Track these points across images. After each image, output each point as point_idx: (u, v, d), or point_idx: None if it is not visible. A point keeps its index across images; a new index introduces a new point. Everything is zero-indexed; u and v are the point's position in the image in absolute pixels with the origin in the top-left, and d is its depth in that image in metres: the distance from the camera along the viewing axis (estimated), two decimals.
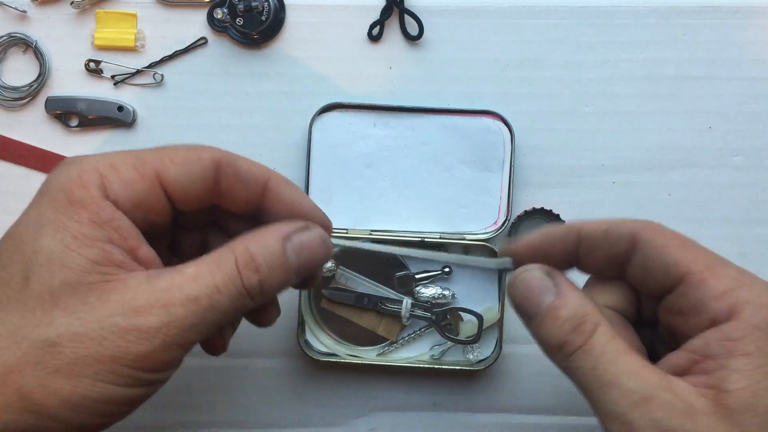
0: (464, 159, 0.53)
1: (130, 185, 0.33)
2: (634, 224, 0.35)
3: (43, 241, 0.31)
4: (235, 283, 0.33)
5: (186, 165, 0.35)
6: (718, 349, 0.31)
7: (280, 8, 0.54)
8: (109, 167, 0.33)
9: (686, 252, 0.33)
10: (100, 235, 0.31)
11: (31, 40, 0.54)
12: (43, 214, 0.32)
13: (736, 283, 0.32)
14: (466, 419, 0.55)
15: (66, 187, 0.32)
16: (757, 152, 0.54)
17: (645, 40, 0.53)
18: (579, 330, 0.33)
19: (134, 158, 0.34)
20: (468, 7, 0.54)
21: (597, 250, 0.35)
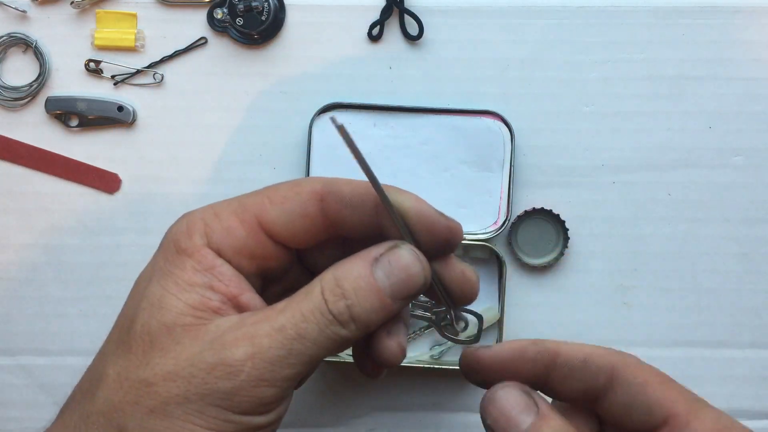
0: (464, 159, 0.53)
1: (231, 232, 0.33)
2: (613, 357, 0.33)
3: (151, 287, 0.32)
4: (321, 309, 0.31)
5: (284, 204, 0.34)
6: None
7: (280, 8, 0.54)
8: (213, 216, 0.33)
9: (668, 391, 0.32)
10: (200, 281, 0.32)
11: (31, 40, 0.54)
12: (157, 263, 0.33)
13: (719, 426, 0.31)
14: (466, 419, 0.55)
15: (175, 237, 0.33)
16: (757, 152, 0.54)
17: (645, 40, 0.53)
18: None
19: (237, 204, 0.34)
20: (468, 7, 0.54)
21: (573, 379, 0.33)
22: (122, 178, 0.55)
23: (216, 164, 0.55)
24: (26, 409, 0.56)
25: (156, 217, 0.55)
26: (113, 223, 0.55)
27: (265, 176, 0.54)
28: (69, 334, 0.55)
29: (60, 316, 0.55)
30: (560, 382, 0.34)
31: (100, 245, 0.55)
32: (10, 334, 0.55)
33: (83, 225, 0.55)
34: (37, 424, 0.56)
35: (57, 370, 0.55)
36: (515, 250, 0.54)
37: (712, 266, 0.54)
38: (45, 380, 0.55)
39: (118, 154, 0.55)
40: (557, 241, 0.54)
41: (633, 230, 0.54)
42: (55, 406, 0.55)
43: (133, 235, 0.55)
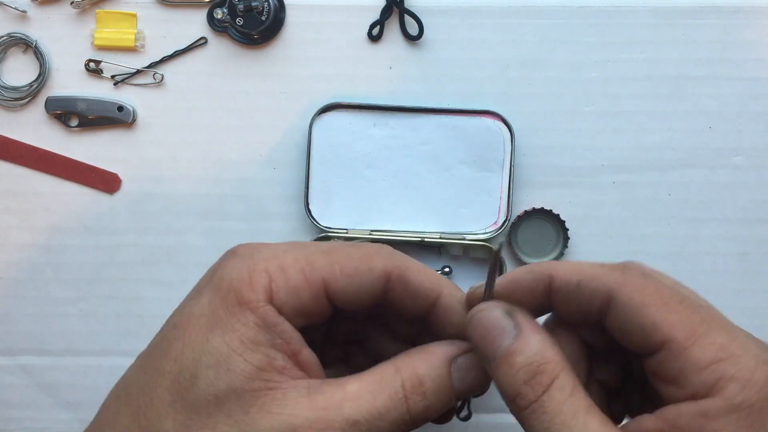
0: (464, 159, 0.53)
1: (296, 293, 0.32)
2: (610, 277, 0.31)
3: (213, 341, 0.31)
4: (399, 409, 0.31)
5: (355, 276, 0.33)
6: (691, 424, 0.28)
7: (280, 8, 0.54)
8: (279, 270, 0.32)
9: (667, 314, 0.30)
10: (264, 340, 0.31)
11: (31, 40, 0.54)
12: (214, 311, 0.31)
13: (722, 354, 0.29)
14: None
15: (236, 286, 0.31)
16: (757, 152, 0.54)
17: (645, 40, 0.53)
18: (534, 382, 0.30)
19: (304, 261, 0.32)
20: (468, 7, 0.54)
21: (569, 303, 0.32)
22: (122, 178, 0.55)
23: (216, 164, 0.55)
24: (26, 409, 0.56)
25: (156, 217, 0.55)
26: (113, 223, 0.55)
27: (265, 176, 0.54)
28: (69, 334, 0.55)
29: (60, 316, 0.55)
30: (559, 305, 0.33)
31: (100, 245, 0.55)
32: (10, 334, 0.55)
33: (83, 225, 0.55)
34: (37, 424, 0.56)
35: (57, 370, 0.55)
36: (515, 250, 0.54)
37: (712, 266, 0.54)
38: (45, 380, 0.55)
39: (118, 154, 0.55)
40: (557, 241, 0.54)
41: (633, 230, 0.54)
42: (55, 406, 0.56)
43: (133, 235, 0.55)
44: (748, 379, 0.28)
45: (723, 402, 0.28)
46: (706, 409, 0.28)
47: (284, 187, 0.54)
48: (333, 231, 0.53)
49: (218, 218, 0.55)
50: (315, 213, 0.53)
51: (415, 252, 0.54)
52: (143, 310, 0.55)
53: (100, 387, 0.57)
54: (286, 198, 0.54)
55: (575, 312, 0.32)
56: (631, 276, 0.31)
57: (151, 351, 0.33)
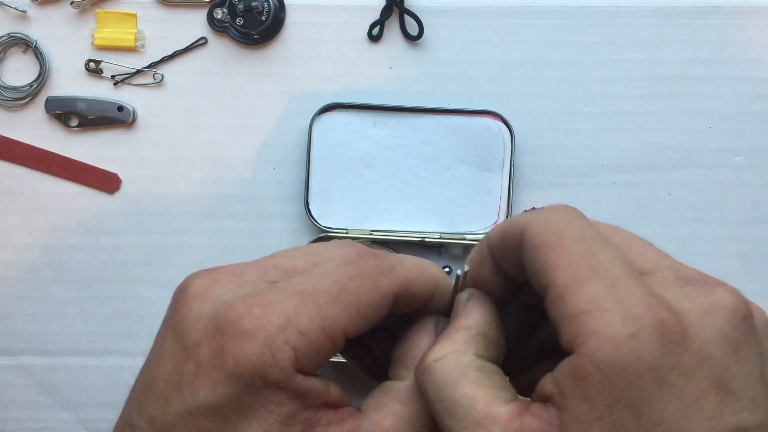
0: (464, 159, 0.53)
1: (321, 353, 0.30)
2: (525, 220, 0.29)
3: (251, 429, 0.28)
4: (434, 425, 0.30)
5: (368, 313, 0.31)
6: (566, 384, 0.25)
7: (280, 8, 0.54)
8: (300, 337, 0.29)
9: (560, 255, 0.27)
10: (299, 408, 0.29)
11: (31, 40, 0.54)
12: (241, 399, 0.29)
13: (591, 305, 0.25)
14: None
15: (261, 370, 0.28)
16: (757, 152, 0.54)
17: (645, 40, 0.53)
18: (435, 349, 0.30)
19: (320, 318, 0.30)
20: (468, 7, 0.54)
21: (502, 256, 0.31)
22: (122, 178, 0.55)
23: (216, 164, 0.55)
24: (26, 409, 0.56)
25: (156, 217, 0.55)
26: (113, 223, 0.55)
27: (265, 176, 0.54)
28: (69, 334, 0.55)
29: (60, 316, 0.55)
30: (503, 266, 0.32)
31: (100, 245, 0.55)
32: (10, 334, 0.55)
33: (83, 225, 0.55)
34: (37, 424, 0.56)
35: (57, 370, 0.55)
36: None
37: (712, 266, 0.54)
38: (45, 380, 0.55)
39: (118, 154, 0.55)
40: None
41: (633, 230, 0.54)
42: (55, 406, 0.56)
43: (133, 235, 0.55)
44: (607, 335, 0.24)
45: (584, 359, 0.25)
46: (573, 368, 0.25)
47: (284, 187, 0.54)
48: (333, 231, 0.53)
49: (218, 218, 0.55)
50: (315, 213, 0.53)
51: (415, 252, 0.54)
52: (143, 310, 0.55)
53: (100, 387, 0.57)
54: (286, 198, 0.54)
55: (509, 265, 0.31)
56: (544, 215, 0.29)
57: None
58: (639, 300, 0.25)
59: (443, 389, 0.29)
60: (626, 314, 0.25)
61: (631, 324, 0.25)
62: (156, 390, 0.30)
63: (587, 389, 0.25)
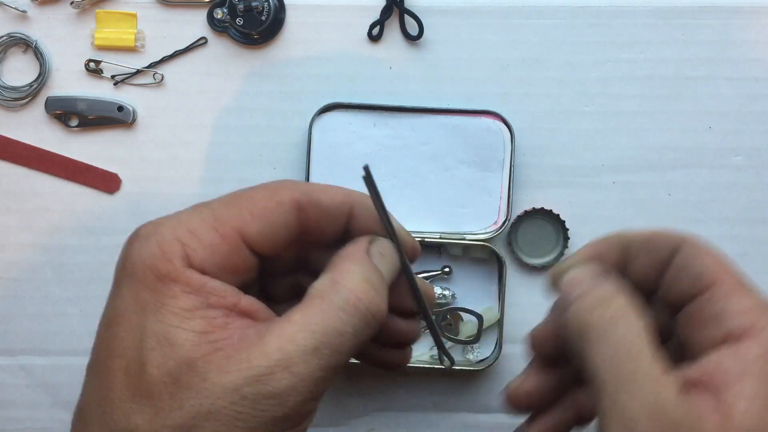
0: (464, 159, 0.53)
1: (213, 250, 0.31)
2: (680, 233, 0.34)
3: (148, 324, 0.30)
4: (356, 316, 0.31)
5: (266, 216, 0.33)
6: (730, 368, 0.29)
7: (280, 8, 0.54)
8: (189, 234, 0.31)
9: (721, 266, 0.32)
10: (197, 304, 0.30)
11: (31, 40, 0.54)
12: (138, 296, 0.31)
13: (760, 305, 0.31)
14: (466, 419, 0.55)
15: (150, 263, 0.31)
16: (757, 152, 0.54)
17: (645, 40, 0.53)
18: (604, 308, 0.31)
19: (212, 219, 0.32)
20: (468, 7, 0.54)
21: (642, 255, 0.34)
22: (122, 178, 0.55)
23: (216, 164, 0.55)
24: (26, 409, 0.56)
25: (156, 217, 0.55)
26: (113, 223, 0.55)
27: (265, 176, 0.54)
28: (69, 334, 0.55)
29: (60, 316, 0.55)
30: (632, 260, 0.35)
31: (100, 245, 0.55)
32: (10, 334, 0.55)
33: (83, 225, 0.55)
34: (37, 424, 0.56)
35: (57, 370, 0.55)
36: (515, 250, 0.54)
37: None
38: (45, 380, 0.55)
39: (118, 154, 0.55)
40: (557, 241, 0.54)
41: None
42: (55, 406, 0.56)
43: None
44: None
45: (759, 345, 0.29)
46: (743, 352, 0.29)
47: None
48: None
49: None
50: None
51: None
52: None
53: None
54: None
55: (644, 264, 0.34)
56: (696, 236, 0.34)
57: (95, 358, 0.32)
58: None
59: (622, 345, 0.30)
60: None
61: None
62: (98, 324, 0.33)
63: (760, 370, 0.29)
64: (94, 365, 0.32)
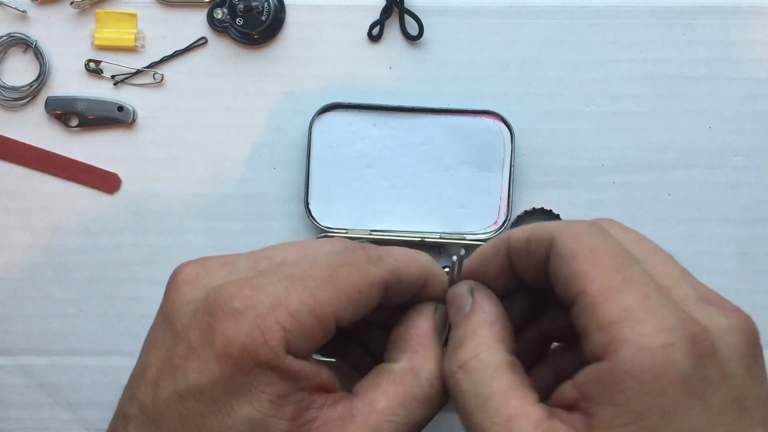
0: (464, 159, 0.53)
1: (311, 336, 0.30)
2: (554, 228, 0.30)
3: (241, 410, 0.28)
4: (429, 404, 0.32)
5: (359, 299, 0.32)
6: (595, 390, 0.27)
7: (280, 8, 0.54)
8: (290, 318, 0.29)
9: (593, 266, 0.28)
10: (290, 390, 0.29)
11: (31, 40, 0.54)
12: (231, 378, 0.29)
13: (623, 315, 0.27)
14: None
15: (251, 349, 0.28)
16: (757, 152, 0.54)
17: (645, 40, 0.53)
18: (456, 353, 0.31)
19: (312, 302, 0.30)
20: (468, 7, 0.54)
21: (522, 258, 0.32)
22: (122, 178, 0.55)
23: (216, 164, 0.55)
24: (26, 409, 0.56)
25: (156, 217, 0.55)
26: (113, 223, 0.55)
27: (265, 176, 0.54)
28: (69, 334, 0.55)
29: (60, 316, 0.55)
30: (517, 265, 0.33)
31: (100, 245, 0.55)
32: (10, 334, 0.55)
33: (83, 225, 0.55)
34: (37, 424, 0.56)
35: (57, 370, 0.55)
36: None
37: (712, 266, 0.54)
38: (45, 380, 0.55)
39: (118, 154, 0.55)
40: None
41: None
42: (55, 406, 0.56)
43: (133, 235, 0.55)
44: (642, 343, 0.26)
45: (616, 366, 0.26)
46: (602, 374, 0.26)
47: (284, 187, 0.54)
48: (333, 231, 0.53)
49: (218, 218, 0.55)
50: (315, 213, 0.53)
51: None
52: (143, 310, 0.55)
53: (100, 387, 0.57)
54: (286, 198, 0.54)
55: (529, 268, 0.32)
56: (575, 226, 0.30)
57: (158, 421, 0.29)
58: (671, 313, 0.27)
59: (478, 386, 0.29)
60: (660, 326, 0.26)
61: (665, 335, 0.26)
62: (147, 377, 0.30)
63: (617, 395, 0.26)
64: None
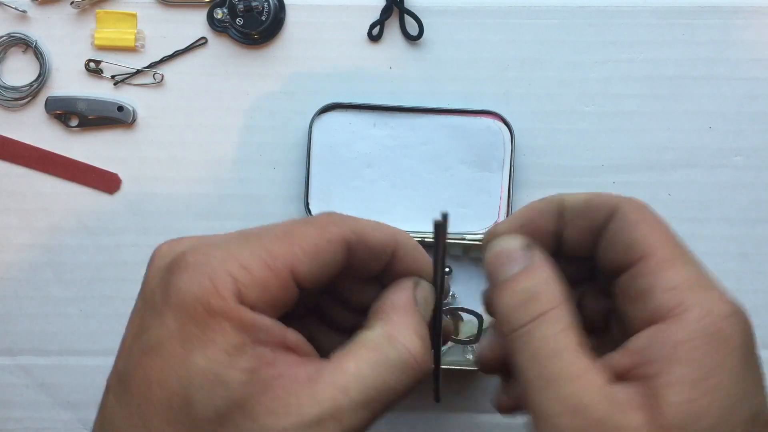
0: (464, 159, 0.53)
1: (265, 288, 0.30)
2: (617, 197, 0.33)
3: (196, 360, 0.29)
4: (406, 372, 0.31)
5: (317, 255, 0.32)
6: (660, 351, 0.28)
7: (280, 8, 0.54)
8: (242, 270, 0.30)
9: (656, 235, 0.31)
10: (247, 341, 0.29)
11: (31, 40, 0.54)
12: (185, 329, 0.29)
13: (691, 282, 0.29)
14: (466, 419, 0.55)
15: (201, 297, 0.29)
16: (757, 152, 0.54)
17: (645, 40, 0.53)
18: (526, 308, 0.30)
19: (265, 254, 0.31)
20: (468, 7, 0.54)
21: (578, 220, 0.33)
22: (122, 178, 0.55)
23: (216, 164, 0.55)
24: (26, 409, 0.56)
25: (156, 217, 0.55)
26: (113, 223, 0.55)
27: (265, 176, 0.54)
28: (69, 334, 0.55)
29: (60, 316, 0.55)
30: (568, 226, 0.33)
31: (100, 245, 0.55)
32: (10, 334, 0.55)
33: (83, 225, 0.55)
34: (37, 424, 0.56)
35: (57, 370, 0.55)
36: None
37: (712, 266, 0.54)
38: (45, 380, 0.55)
39: (118, 154, 0.55)
40: None
41: None
42: (55, 406, 0.56)
43: (133, 235, 0.55)
44: (710, 308, 0.28)
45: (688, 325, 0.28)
46: (672, 333, 0.28)
47: (284, 187, 0.54)
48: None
49: (218, 218, 0.55)
50: (315, 213, 0.53)
51: None
52: None
53: (100, 387, 0.57)
54: (286, 198, 0.54)
55: (581, 230, 0.33)
56: (635, 200, 0.33)
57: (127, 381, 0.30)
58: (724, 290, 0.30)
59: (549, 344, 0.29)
60: (722, 297, 0.29)
61: (729, 306, 0.29)
62: (123, 346, 0.32)
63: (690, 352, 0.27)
64: (126, 392, 0.30)
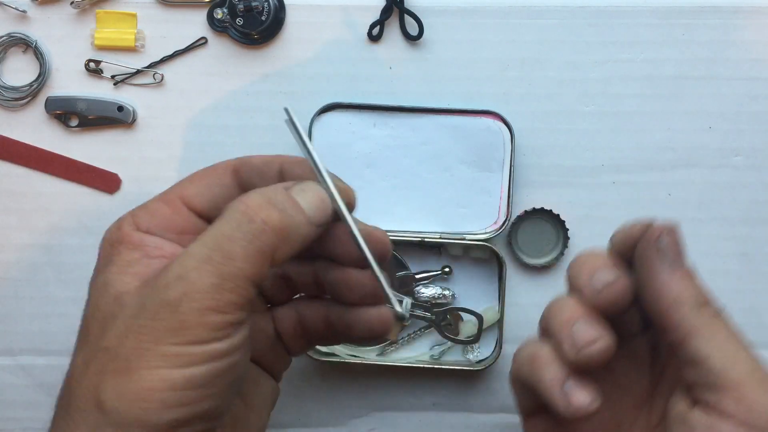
0: (464, 159, 0.53)
1: (156, 213, 0.36)
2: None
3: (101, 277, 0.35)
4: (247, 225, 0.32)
5: (203, 179, 0.37)
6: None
7: (280, 8, 0.54)
8: (140, 207, 0.37)
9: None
10: (137, 257, 0.35)
11: (31, 40, 0.54)
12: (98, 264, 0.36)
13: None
14: (466, 419, 0.55)
15: (107, 237, 0.36)
16: (757, 152, 0.54)
17: (645, 40, 0.53)
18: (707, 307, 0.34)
19: (162, 193, 0.37)
20: (468, 7, 0.54)
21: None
22: (122, 178, 0.55)
23: None
24: (26, 409, 0.56)
25: None
26: None
27: None
28: (69, 334, 0.55)
29: (60, 316, 0.55)
30: None
31: None
32: (10, 334, 0.55)
33: (83, 225, 0.55)
34: (37, 424, 0.56)
35: (57, 370, 0.55)
36: (515, 250, 0.54)
37: (712, 266, 0.54)
38: (45, 380, 0.56)
39: (118, 154, 0.55)
40: (557, 241, 0.54)
41: None
42: (55, 406, 0.56)
43: None
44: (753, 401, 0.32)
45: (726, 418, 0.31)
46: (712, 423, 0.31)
47: None
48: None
49: None
50: None
51: (415, 252, 0.54)
52: None
53: None
54: None
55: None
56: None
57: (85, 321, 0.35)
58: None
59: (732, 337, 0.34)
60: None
61: None
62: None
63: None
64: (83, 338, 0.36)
